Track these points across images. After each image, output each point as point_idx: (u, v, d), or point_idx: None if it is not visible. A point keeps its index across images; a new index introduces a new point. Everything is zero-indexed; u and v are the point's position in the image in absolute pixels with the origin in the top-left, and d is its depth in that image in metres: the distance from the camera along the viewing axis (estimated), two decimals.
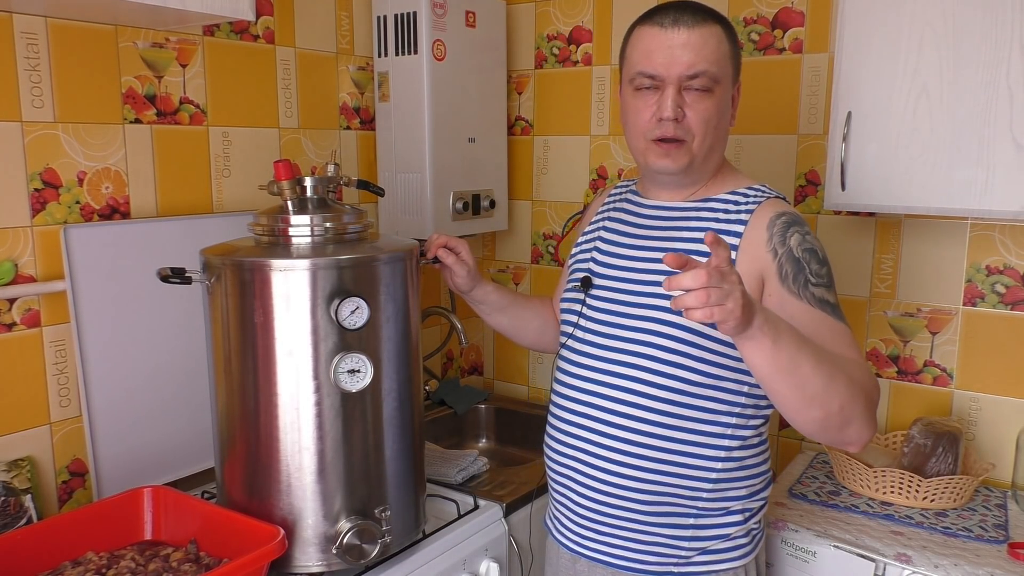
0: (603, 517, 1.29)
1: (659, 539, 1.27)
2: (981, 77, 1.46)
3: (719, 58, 1.21)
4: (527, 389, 2.50)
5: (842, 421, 1.08)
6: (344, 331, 1.27)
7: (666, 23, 1.21)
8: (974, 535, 1.54)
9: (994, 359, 1.78)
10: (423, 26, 1.96)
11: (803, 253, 1.19)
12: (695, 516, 1.26)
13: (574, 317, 1.37)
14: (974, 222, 1.77)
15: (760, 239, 1.20)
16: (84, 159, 1.53)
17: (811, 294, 1.16)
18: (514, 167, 2.41)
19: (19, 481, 1.43)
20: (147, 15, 1.46)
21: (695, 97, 1.21)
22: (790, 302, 1.16)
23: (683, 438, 1.23)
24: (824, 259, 1.21)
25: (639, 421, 1.24)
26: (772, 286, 1.18)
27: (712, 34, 1.20)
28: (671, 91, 1.20)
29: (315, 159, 1.98)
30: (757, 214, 1.23)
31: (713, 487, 1.25)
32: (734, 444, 1.25)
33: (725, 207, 1.26)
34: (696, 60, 1.19)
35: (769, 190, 1.29)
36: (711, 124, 1.23)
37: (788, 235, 1.19)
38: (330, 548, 1.31)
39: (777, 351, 1.00)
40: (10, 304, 1.45)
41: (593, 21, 2.22)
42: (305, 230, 1.32)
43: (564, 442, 1.34)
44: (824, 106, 1.90)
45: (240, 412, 1.32)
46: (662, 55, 1.20)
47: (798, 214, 1.24)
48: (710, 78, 1.20)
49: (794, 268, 1.17)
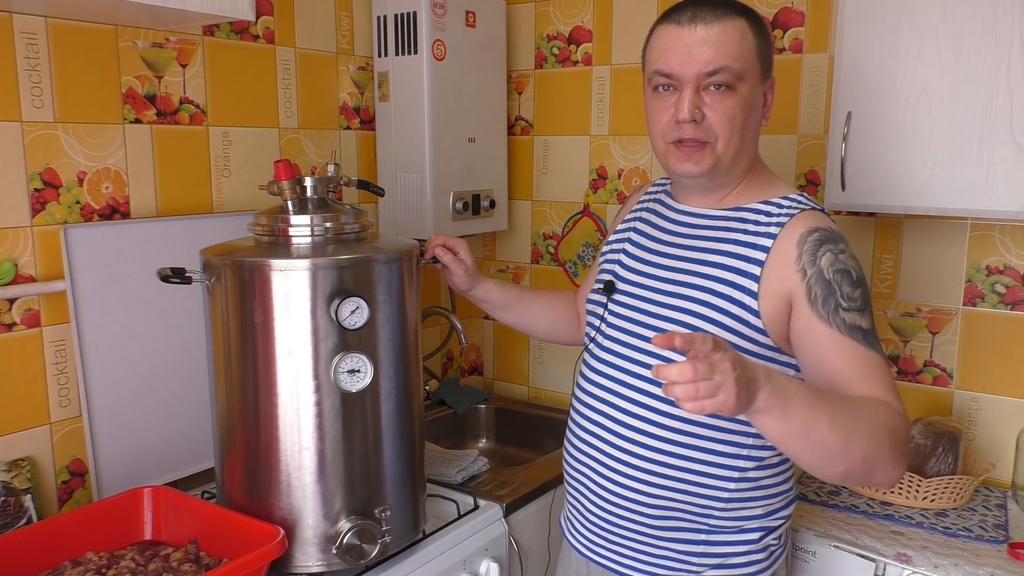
0: (613, 525, 1.27)
1: (669, 552, 1.25)
2: (981, 77, 1.46)
3: (742, 53, 1.14)
4: (527, 389, 2.50)
5: (866, 470, 1.03)
6: (344, 331, 1.27)
7: (683, 20, 1.15)
8: (974, 535, 1.54)
9: (994, 359, 1.78)
10: (423, 26, 1.96)
11: (835, 275, 1.11)
12: (707, 532, 1.23)
13: (597, 321, 1.34)
14: (974, 222, 1.77)
15: (789, 256, 1.13)
16: (84, 159, 1.53)
17: (841, 320, 1.09)
18: (514, 167, 2.41)
19: (19, 481, 1.43)
20: (147, 15, 1.46)
21: (716, 96, 1.14)
22: (819, 328, 1.10)
23: (696, 456, 1.19)
24: (859, 280, 1.12)
25: (652, 434, 1.21)
26: (801, 309, 1.12)
27: (734, 28, 1.13)
28: (689, 91, 1.14)
29: (315, 159, 1.98)
30: (788, 228, 1.16)
31: (725, 506, 1.21)
32: (749, 465, 1.20)
33: (756, 218, 1.20)
34: (715, 56, 1.12)
35: (806, 201, 1.21)
36: (736, 124, 1.15)
37: (819, 254, 1.12)
38: (330, 548, 1.31)
39: (787, 420, 0.96)
40: (10, 304, 1.45)
41: (593, 21, 2.22)
42: (305, 230, 1.32)
43: (581, 445, 1.32)
44: (824, 106, 1.90)
45: (240, 412, 1.32)
46: (679, 53, 1.14)
47: (834, 229, 1.16)
48: (732, 74, 1.13)
49: (824, 291, 1.10)
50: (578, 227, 2.31)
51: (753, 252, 1.17)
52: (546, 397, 2.44)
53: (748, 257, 1.17)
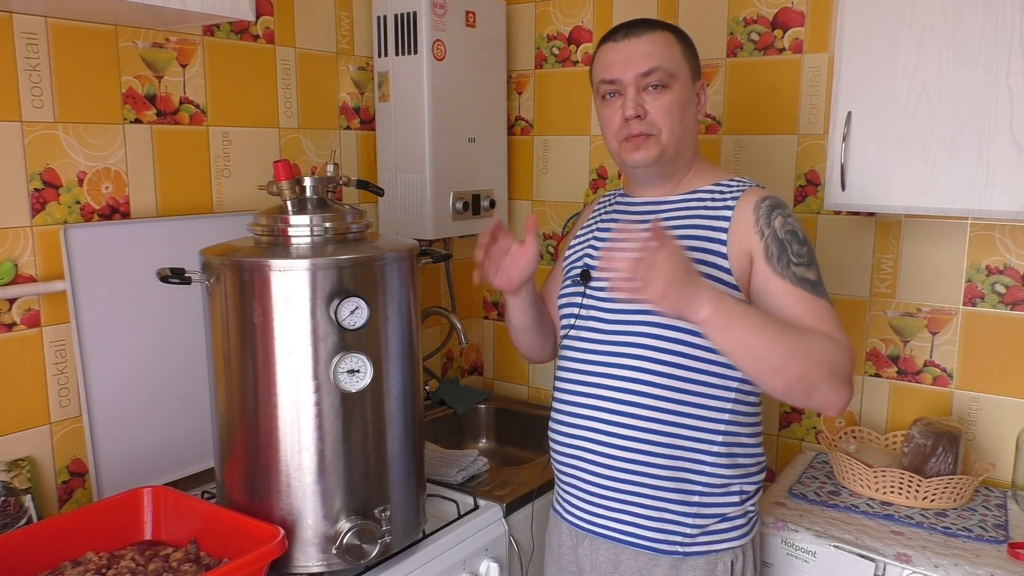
0: (614, 492, 1.36)
1: (666, 515, 1.33)
2: (981, 77, 1.46)
3: (671, 56, 1.34)
4: (527, 389, 2.50)
5: (805, 388, 1.20)
6: (344, 331, 1.27)
7: (618, 37, 1.36)
8: (974, 535, 1.54)
9: (994, 359, 1.78)
10: (423, 26, 1.96)
11: (786, 235, 1.29)
12: (699, 493, 1.33)
13: (575, 309, 1.43)
14: (974, 222, 1.77)
15: (748, 221, 1.31)
16: (84, 159, 1.53)
17: (793, 273, 1.27)
18: (514, 167, 2.41)
19: (19, 481, 1.43)
20: (147, 15, 1.46)
21: (654, 95, 1.33)
22: (774, 280, 1.28)
23: (685, 411, 1.31)
24: (804, 239, 1.31)
25: (643, 397, 1.32)
26: (759, 265, 1.29)
27: (662, 38, 1.34)
28: (631, 92, 1.33)
29: (315, 159, 1.98)
30: (743, 200, 1.33)
31: (715, 460, 1.33)
32: (733, 419, 1.34)
33: (712, 196, 1.37)
34: (648, 60, 1.32)
35: (750, 181, 1.39)
36: (675, 116, 1.34)
37: (772, 217, 1.30)
38: (330, 548, 1.31)
39: (728, 333, 1.16)
40: (10, 304, 1.45)
41: (593, 21, 2.22)
42: (304, 230, 1.32)
43: (572, 424, 1.40)
44: (824, 106, 1.90)
45: (240, 412, 1.32)
46: (618, 62, 1.34)
47: (779, 198, 1.36)
48: (665, 73, 1.32)
49: (778, 248, 1.28)
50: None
51: (717, 222, 1.33)
52: (546, 397, 2.44)
53: (713, 226, 1.33)
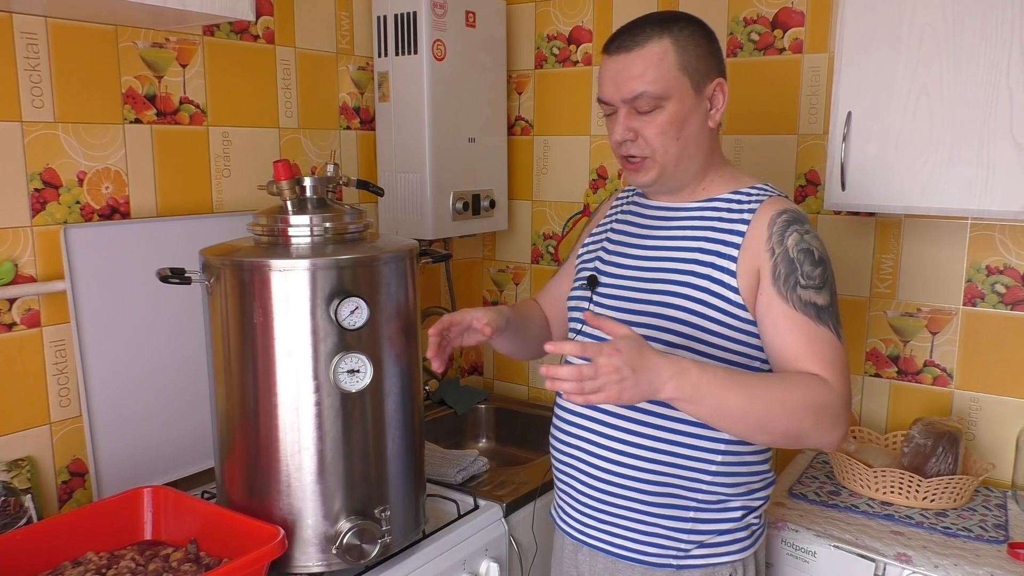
0: (606, 505, 1.32)
1: (659, 530, 1.29)
2: (981, 77, 1.46)
3: (659, 75, 1.22)
4: (527, 389, 2.50)
5: (792, 440, 1.16)
6: (344, 331, 1.27)
7: (612, 49, 1.26)
8: (974, 535, 1.54)
9: (994, 359, 1.78)
10: (423, 26, 1.96)
11: (798, 253, 1.20)
12: (695, 509, 1.28)
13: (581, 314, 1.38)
14: (974, 222, 1.77)
15: (761, 236, 1.22)
16: (84, 159, 1.53)
17: (798, 297, 1.18)
18: (514, 167, 2.41)
19: (19, 481, 1.43)
20: (147, 15, 1.46)
21: (646, 117, 1.24)
22: (777, 303, 1.19)
23: (684, 429, 1.26)
24: (820, 259, 1.21)
25: (641, 414, 1.27)
26: (764, 285, 1.21)
27: (651, 53, 1.22)
28: (621, 114, 1.25)
29: (315, 159, 1.98)
30: (759, 213, 1.24)
31: (712, 479, 1.27)
32: (734, 438, 1.26)
33: (729, 206, 1.28)
34: (635, 85, 1.22)
35: (772, 189, 1.30)
36: (669, 136, 1.24)
37: (787, 234, 1.21)
38: (330, 548, 1.31)
39: (698, 406, 1.09)
40: (10, 304, 1.45)
41: (593, 21, 2.22)
42: (304, 230, 1.32)
43: (570, 432, 1.36)
44: (824, 106, 1.90)
45: (240, 412, 1.32)
46: (608, 82, 1.26)
47: (800, 212, 1.25)
48: (652, 97, 1.22)
49: (787, 268, 1.19)
50: (578, 227, 2.31)
51: (730, 236, 1.25)
52: (546, 397, 2.44)
53: (726, 241, 1.25)
